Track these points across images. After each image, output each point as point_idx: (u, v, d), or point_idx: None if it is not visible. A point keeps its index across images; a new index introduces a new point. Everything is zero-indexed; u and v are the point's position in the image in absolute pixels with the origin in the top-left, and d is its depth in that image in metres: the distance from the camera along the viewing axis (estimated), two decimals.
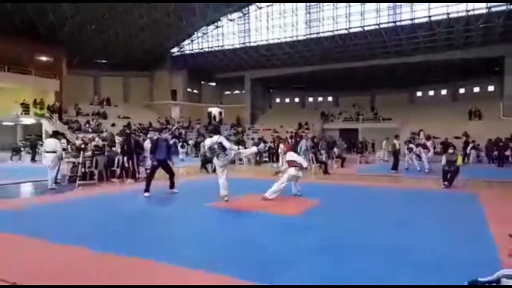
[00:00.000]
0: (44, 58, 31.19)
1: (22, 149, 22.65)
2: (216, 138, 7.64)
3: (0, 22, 26.18)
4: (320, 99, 45.12)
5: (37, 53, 30.57)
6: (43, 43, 29.48)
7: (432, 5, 28.92)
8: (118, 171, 11.65)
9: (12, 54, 27.21)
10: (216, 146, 7.47)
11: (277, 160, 18.35)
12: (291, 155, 8.63)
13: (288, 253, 4.36)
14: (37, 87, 30.34)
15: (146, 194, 8.59)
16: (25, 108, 28.81)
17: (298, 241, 4.85)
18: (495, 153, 19.44)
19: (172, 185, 9.06)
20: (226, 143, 7.60)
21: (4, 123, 29.78)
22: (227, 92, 47.06)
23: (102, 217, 6.44)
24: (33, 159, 20.02)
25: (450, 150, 10.80)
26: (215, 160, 7.85)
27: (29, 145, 22.28)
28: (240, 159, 19.63)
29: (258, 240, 4.97)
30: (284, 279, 3.53)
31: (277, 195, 7.90)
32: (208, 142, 7.80)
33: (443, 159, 10.63)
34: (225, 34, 38.09)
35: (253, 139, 27.13)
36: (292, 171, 8.23)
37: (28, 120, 29.23)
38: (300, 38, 34.75)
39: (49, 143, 10.27)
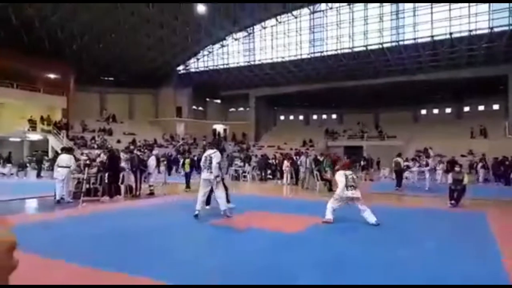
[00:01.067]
0: (52, 75, 31.74)
1: (28, 165, 22.78)
2: (210, 152, 7.63)
3: (10, 39, 26.82)
4: (324, 116, 45.29)
5: (45, 70, 31.14)
6: (51, 61, 30.06)
7: (435, 24, 29.29)
8: (122, 187, 11.64)
9: (21, 71, 27.73)
10: (206, 159, 7.50)
11: (281, 177, 18.29)
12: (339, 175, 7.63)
13: (290, 269, 4.30)
14: (45, 103, 30.79)
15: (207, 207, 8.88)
16: (32, 124, 29.14)
17: (300, 258, 4.79)
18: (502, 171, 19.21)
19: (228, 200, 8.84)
20: (214, 161, 7.38)
21: (11, 139, 30.07)
22: (232, 109, 47.41)
23: (103, 234, 6.41)
24: (38, 175, 20.09)
25: (457, 169, 10.72)
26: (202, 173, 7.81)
27: (35, 160, 22.42)
28: (245, 176, 19.59)
29: (259, 258, 4.91)
30: None
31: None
32: (204, 154, 7.88)
33: (450, 177, 10.54)
34: (230, 52, 38.69)
35: (256, 156, 27.15)
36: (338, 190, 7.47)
37: (35, 136, 29.51)
38: (304, 56, 35.18)
39: (63, 158, 10.56)
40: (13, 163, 21.81)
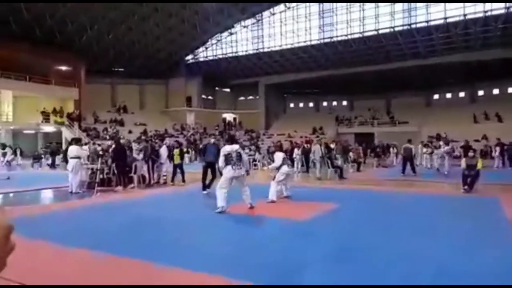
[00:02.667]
0: (63, 68, 32.06)
1: (42, 156, 23.24)
2: (236, 146, 7.57)
3: (22, 33, 27.09)
4: (334, 103, 44.86)
5: (56, 63, 31.46)
6: (62, 53, 30.33)
7: (448, 6, 28.50)
8: (135, 177, 11.80)
9: (32, 64, 28.07)
10: (234, 155, 7.30)
11: (292, 165, 18.27)
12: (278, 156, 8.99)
13: (298, 258, 4.32)
14: (57, 95, 31.20)
15: (204, 192, 9.89)
16: (46, 116, 29.61)
17: (309, 246, 4.82)
18: None
19: (209, 185, 9.97)
20: (244, 155, 7.72)
21: (26, 131, 30.64)
22: (242, 98, 47.30)
23: (117, 222, 6.54)
24: (53, 165, 20.51)
25: (471, 154, 10.55)
26: (225, 169, 7.32)
27: (50, 152, 22.86)
28: (255, 164, 19.65)
29: (268, 245, 4.96)
30: (294, 283, 3.51)
31: (280, 196, 8.54)
32: (227, 149, 7.42)
33: (463, 162, 10.39)
34: (238, 40, 38.41)
35: (269, 147, 27.11)
36: (284, 169, 8.63)
37: (49, 128, 30.01)
38: (313, 43, 34.73)
39: (72, 149, 10.72)
40: (23, 155, 22.35)
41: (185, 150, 23.88)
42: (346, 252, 4.58)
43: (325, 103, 45.49)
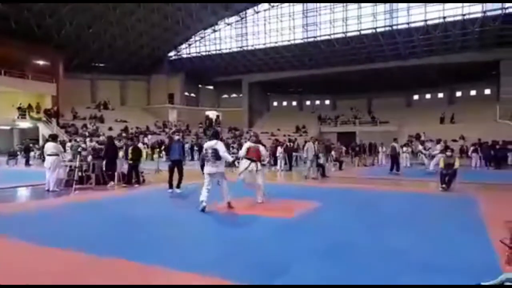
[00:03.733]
0: (41, 62, 31.12)
1: (18, 153, 22.53)
2: (213, 142, 7.16)
3: None
4: (317, 102, 45.26)
5: (33, 57, 30.50)
6: (40, 47, 29.41)
7: (428, 9, 29.17)
8: (116, 175, 11.56)
9: (9, 57, 27.10)
10: (210, 151, 7.04)
11: (275, 163, 18.33)
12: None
13: (286, 255, 4.33)
14: (34, 90, 30.27)
15: (170, 190, 9.48)
16: (22, 112, 28.70)
17: (296, 244, 4.83)
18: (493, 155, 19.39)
19: (178, 185, 9.57)
20: (222, 150, 7.06)
21: (1, 127, 29.62)
22: (225, 96, 47.11)
23: (98, 221, 6.39)
24: (27, 163, 19.96)
25: (448, 153, 10.81)
26: (205, 166, 7.29)
27: (24, 149, 22.19)
28: (238, 162, 19.58)
29: (255, 244, 4.94)
30: (281, 282, 3.50)
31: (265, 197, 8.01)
32: (205, 145, 7.41)
33: (441, 162, 10.64)
34: (222, 38, 38.20)
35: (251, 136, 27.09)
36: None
37: (25, 124, 29.11)
38: (297, 42, 34.89)
39: (49, 146, 10.39)
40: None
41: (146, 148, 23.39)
42: (332, 249, 4.61)
43: (308, 102, 45.83)
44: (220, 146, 7.10)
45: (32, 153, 22.45)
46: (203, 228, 6.07)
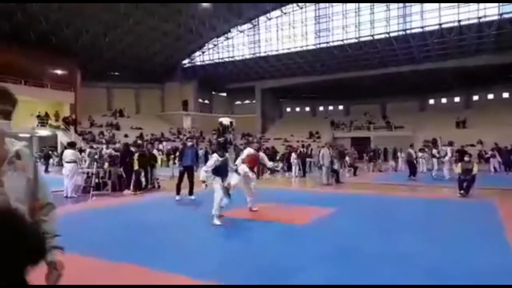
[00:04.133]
0: (59, 71, 31.93)
1: (37, 160, 23.05)
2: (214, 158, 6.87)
3: (16, 36, 26.98)
4: (330, 108, 45.03)
5: (52, 66, 31.32)
6: (57, 57, 30.21)
7: (443, 12, 28.83)
8: (132, 182, 11.71)
9: (28, 67, 27.90)
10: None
11: (289, 169, 18.28)
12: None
13: (299, 261, 4.31)
14: (53, 99, 31.03)
15: (177, 197, 9.39)
16: (41, 120, 29.43)
17: (310, 250, 4.81)
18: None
19: (190, 191, 9.52)
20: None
21: (21, 135, 30.40)
22: (238, 102, 47.35)
23: (112, 227, 6.49)
24: (46, 170, 20.44)
25: (466, 158, 10.60)
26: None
27: (43, 156, 22.71)
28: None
29: (268, 250, 4.94)
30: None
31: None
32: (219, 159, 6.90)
33: (459, 167, 10.44)
34: (235, 45, 38.52)
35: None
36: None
37: (44, 132, 29.81)
38: (309, 48, 34.90)
39: (68, 154, 10.66)
40: None
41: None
42: (344, 255, 4.58)
43: (321, 108, 45.65)
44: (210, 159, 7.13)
45: (51, 160, 22.98)
46: (214, 234, 6.10)
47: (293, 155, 17.79)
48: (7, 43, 26.27)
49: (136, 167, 11.05)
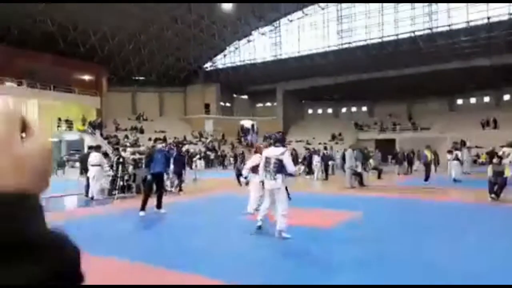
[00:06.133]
0: (86, 77, 32.99)
1: (66, 163, 23.83)
2: (278, 151, 5.77)
3: (46, 44, 28.10)
4: (354, 109, 44.30)
5: (79, 72, 32.42)
6: (85, 63, 31.27)
7: (471, 9, 27.85)
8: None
9: (57, 73, 29.00)
10: (272, 161, 5.71)
11: (310, 172, 18.07)
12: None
13: (320, 265, 4.22)
14: (80, 104, 32.06)
15: (142, 213, 7.77)
16: (69, 125, 30.44)
17: (332, 253, 4.70)
18: None
19: (159, 204, 8.17)
20: (289, 163, 5.77)
21: (50, 139, 31.50)
22: (259, 105, 47.37)
23: (138, 229, 6.57)
24: (81, 173, 20.96)
25: (495, 160, 10.14)
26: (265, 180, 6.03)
27: (80, 159, 23.39)
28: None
29: (294, 254, 4.86)
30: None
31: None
32: (266, 153, 5.99)
33: (489, 170, 10.00)
34: (256, 47, 38.60)
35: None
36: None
37: (71, 136, 30.79)
38: (332, 48, 34.51)
39: (93, 157, 10.87)
40: None
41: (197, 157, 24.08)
42: (373, 260, 4.44)
43: (344, 109, 44.98)
44: (287, 158, 5.75)
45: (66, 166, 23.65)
46: (237, 236, 6.07)
47: (316, 158, 17.56)
48: (38, 51, 27.38)
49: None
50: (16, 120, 0.37)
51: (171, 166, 10.64)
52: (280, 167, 5.66)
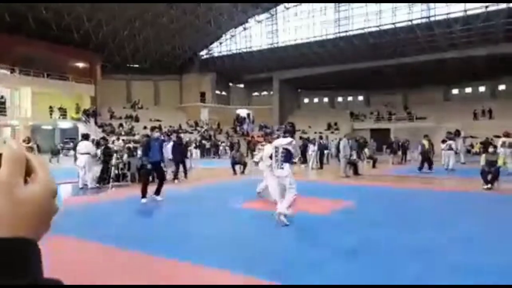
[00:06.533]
0: (80, 64, 32.58)
1: (60, 151, 23.67)
2: (286, 141, 6.08)
3: (39, 31, 27.62)
4: (350, 98, 44.27)
5: (73, 59, 31.99)
6: (79, 50, 30.83)
7: None
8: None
9: (51, 61, 28.60)
10: (280, 150, 6.00)
11: (305, 161, 18.08)
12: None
13: (316, 253, 4.23)
14: (74, 92, 31.73)
15: (143, 200, 7.84)
16: (63, 113, 30.15)
17: (327, 242, 4.72)
18: None
19: (157, 192, 8.19)
20: (296, 153, 6.18)
21: (44, 127, 31.27)
22: (255, 94, 47.17)
23: (133, 217, 6.55)
24: (75, 161, 20.88)
25: (491, 150, 10.19)
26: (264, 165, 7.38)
27: (74, 147, 23.26)
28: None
29: (287, 241, 4.87)
30: (308, 281, 3.41)
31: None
32: (276, 143, 6.31)
33: (483, 159, 10.06)
34: (252, 35, 38.22)
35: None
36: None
37: (65, 124, 30.55)
38: (329, 37, 34.26)
39: (82, 146, 10.79)
40: (40, 151, 22.76)
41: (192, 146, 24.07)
42: (366, 248, 4.47)
43: (340, 99, 44.93)
44: (293, 148, 6.05)
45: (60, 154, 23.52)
46: (233, 224, 6.07)
47: (311, 147, 17.57)
48: (31, 38, 26.92)
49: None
50: (19, 163, 0.37)
51: (165, 155, 10.59)
52: (287, 156, 5.95)
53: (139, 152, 11.56)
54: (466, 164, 17.34)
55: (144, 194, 7.90)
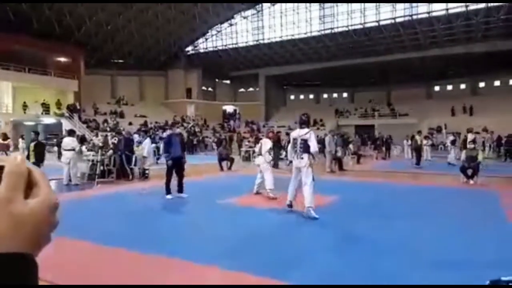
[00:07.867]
0: (62, 59, 31.86)
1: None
2: (303, 131, 6.19)
3: (20, 24, 26.90)
4: (335, 95, 44.73)
5: (55, 54, 31.25)
6: (61, 44, 30.13)
7: None
8: (136, 170, 11.77)
9: (32, 55, 27.89)
10: (299, 141, 6.15)
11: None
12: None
13: (299, 249, 4.36)
14: (57, 87, 31.06)
15: (169, 196, 7.90)
16: (46, 108, 29.53)
17: (310, 237, 4.85)
18: None
19: (180, 188, 8.16)
20: (313, 144, 6.09)
21: (26, 123, 30.57)
22: (242, 90, 47.15)
23: (119, 214, 6.57)
24: (59, 157, 20.54)
25: (470, 146, 10.54)
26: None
27: (56, 143, 22.84)
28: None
29: (271, 236, 4.99)
30: (295, 276, 3.53)
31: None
32: (293, 134, 6.51)
33: (463, 154, 10.40)
34: (238, 31, 38.15)
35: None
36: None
37: (49, 120, 29.93)
38: (314, 34, 34.49)
39: (67, 142, 10.68)
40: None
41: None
42: (345, 243, 4.63)
43: (325, 95, 45.35)
44: (311, 138, 6.12)
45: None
46: (217, 220, 6.16)
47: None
48: (11, 32, 26.18)
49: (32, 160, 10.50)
50: (20, 177, 0.37)
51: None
52: (306, 147, 6.05)
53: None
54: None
55: (168, 191, 7.92)
